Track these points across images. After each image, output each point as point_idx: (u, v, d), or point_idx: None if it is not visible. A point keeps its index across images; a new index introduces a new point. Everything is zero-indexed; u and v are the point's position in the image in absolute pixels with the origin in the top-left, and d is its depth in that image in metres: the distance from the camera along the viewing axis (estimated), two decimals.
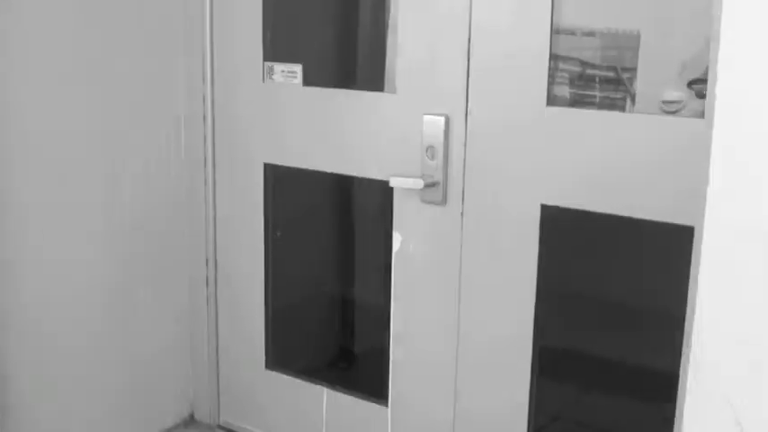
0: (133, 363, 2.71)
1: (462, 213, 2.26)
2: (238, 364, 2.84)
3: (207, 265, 2.80)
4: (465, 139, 2.22)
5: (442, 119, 2.22)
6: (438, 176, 2.25)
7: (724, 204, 1.24)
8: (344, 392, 2.63)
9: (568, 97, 2.15)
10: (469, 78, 2.19)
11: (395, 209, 2.38)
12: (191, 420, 2.94)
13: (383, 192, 2.39)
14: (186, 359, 2.89)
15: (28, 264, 2.38)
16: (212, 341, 2.86)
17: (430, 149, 2.25)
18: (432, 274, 2.35)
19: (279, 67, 2.54)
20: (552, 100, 2.12)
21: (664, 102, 2.01)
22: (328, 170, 2.51)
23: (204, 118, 2.69)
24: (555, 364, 2.37)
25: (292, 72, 2.51)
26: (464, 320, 2.32)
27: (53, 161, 2.39)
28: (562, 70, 2.15)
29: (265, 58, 2.56)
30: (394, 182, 2.29)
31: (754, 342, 1.24)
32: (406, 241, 2.37)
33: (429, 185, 2.25)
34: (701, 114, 1.80)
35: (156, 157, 2.67)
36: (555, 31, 2.09)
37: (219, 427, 2.92)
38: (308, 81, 2.50)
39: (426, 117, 2.25)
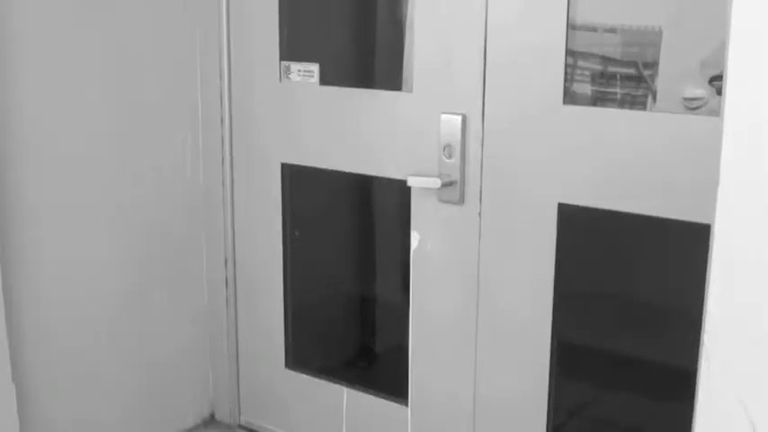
0: (152, 364, 2.72)
1: (480, 213, 2.24)
2: (258, 364, 2.84)
3: (225, 265, 2.81)
4: (482, 138, 2.20)
5: (459, 118, 2.21)
6: (455, 176, 2.24)
7: (735, 202, 1.23)
8: (364, 391, 2.63)
9: (590, 95, 2.13)
10: (486, 77, 2.18)
11: (412, 208, 2.37)
12: (211, 420, 2.95)
13: (401, 191, 2.38)
14: (206, 359, 2.90)
15: (44, 264, 2.39)
16: (232, 341, 2.86)
17: (447, 148, 2.24)
18: (450, 273, 2.34)
19: (295, 67, 2.53)
20: (572, 97, 2.11)
21: (685, 99, 1.99)
22: (346, 170, 2.50)
23: (221, 118, 2.70)
24: (574, 360, 2.35)
25: (309, 71, 2.51)
26: (482, 318, 2.31)
27: (68, 162, 2.40)
28: (583, 68, 2.13)
29: (282, 58, 2.55)
30: (411, 181, 2.28)
31: (766, 342, 1.22)
32: (423, 240, 2.36)
33: (446, 185, 2.24)
34: None
35: (173, 158, 2.67)
36: (576, 28, 2.07)
37: (240, 426, 2.92)
38: (324, 80, 2.49)
39: (443, 116, 2.24)
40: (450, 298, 2.36)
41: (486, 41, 2.16)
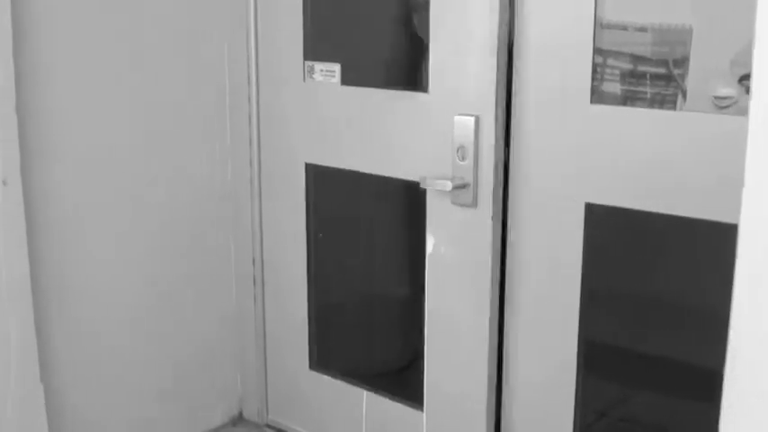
0: (181, 362, 2.75)
1: (492, 216, 2.20)
2: (285, 364, 2.85)
3: (254, 264, 2.81)
4: (495, 141, 2.16)
5: (473, 119, 2.17)
6: (468, 178, 2.20)
7: (760, 201, 1.19)
8: (383, 395, 2.61)
9: (619, 94, 2.08)
10: (510, 76, 2.14)
11: (427, 211, 2.33)
12: (239, 419, 2.97)
13: (419, 193, 2.35)
14: (235, 358, 2.92)
15: (73, 264, 2.43)
16: (260, 340, 2.87)
17: (460, 150, 2.20)
18: (464, 277, 2.30)
19: (318, 66, 2.52)
20: (600, 96, 2.06)
21: (716, 98, 1.94)
22: (363, 170, 2.48)
23: (249, 118, 2.70)
24: (600, 361, 2.30)
25: (331, 71, 2.49)
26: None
27: (97, 162, 2.43)
28: (612, 66, 2.08)
29: (305, 57, 2.55)
30: (424, 183, 2.24)
31: None
32: (438, 244, 2.33)
33: (458, 187, 2.20)
34: None
35: (202, 159, 2.69)
36: (606, 26, 2.02)
37: (267, 425, 2.94)
38: (345, 80, 2.48)
39: (457, 118, 2.20)
40: (464, 301, 2.32)
41: (510, 39, 2.12)
